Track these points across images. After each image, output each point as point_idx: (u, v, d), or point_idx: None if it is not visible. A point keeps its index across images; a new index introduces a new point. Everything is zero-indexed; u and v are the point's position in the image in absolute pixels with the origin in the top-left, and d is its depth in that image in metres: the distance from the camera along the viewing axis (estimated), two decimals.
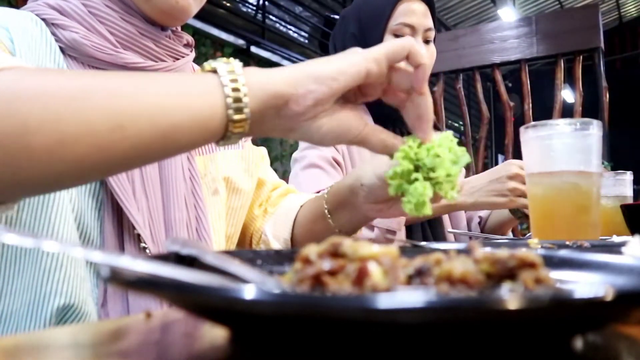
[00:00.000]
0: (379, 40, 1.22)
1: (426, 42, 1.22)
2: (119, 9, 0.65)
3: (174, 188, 0.67)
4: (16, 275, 0.56)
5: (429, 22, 1.22)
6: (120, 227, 0.61)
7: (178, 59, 0.71)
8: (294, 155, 1.24)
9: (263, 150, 0.88)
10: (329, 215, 0.71)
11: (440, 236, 1.22)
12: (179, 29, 0.76)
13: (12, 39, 0.59)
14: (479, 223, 1.32)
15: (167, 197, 0.66)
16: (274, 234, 0.80)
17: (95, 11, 0.64)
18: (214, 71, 0.46)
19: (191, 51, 0.76)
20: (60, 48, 0.63)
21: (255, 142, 0.92)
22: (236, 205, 0.79)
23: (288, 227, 0.78)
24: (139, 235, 0.61)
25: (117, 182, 0.61)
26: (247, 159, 0.83)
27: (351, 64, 0.48)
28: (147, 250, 0.61)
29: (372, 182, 0.63)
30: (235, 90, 0.45)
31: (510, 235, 1.35)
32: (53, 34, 0.64)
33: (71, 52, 0.63)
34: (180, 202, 0.67)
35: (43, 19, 0.64)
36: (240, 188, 0.79)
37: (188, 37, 0.76)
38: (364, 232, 1.07)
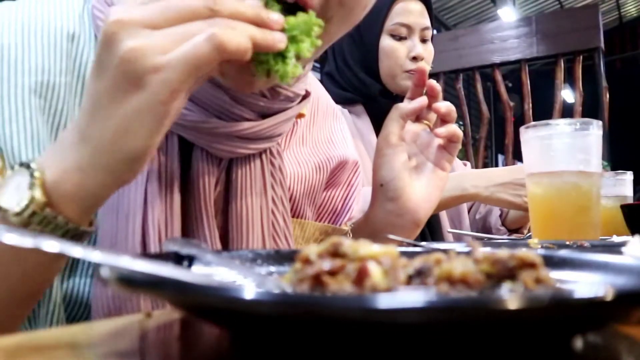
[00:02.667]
0: (375, 40, 1.22)
1: (423, 41, 1.22)
2: None
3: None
4: None
5: (426, 21, 1.21)
6: None
7: (268, 116, 0.53)
8: None
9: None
10: None
11: (439, 236, 1.22)
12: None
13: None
14: (500, 216, 1.31)
15: None
16: None
17: None
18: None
19: (300, 101, 0.56)
20: None
21: None
22: None
23: None
24: None
25: None
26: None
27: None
28: None
29: (389, 172, 0.62)
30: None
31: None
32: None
33: None
34: None
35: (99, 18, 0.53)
36: None
37: (293, 90, 0.54)
38: None
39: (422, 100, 0.64)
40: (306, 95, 0.58)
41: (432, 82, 0.65)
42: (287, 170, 0.59)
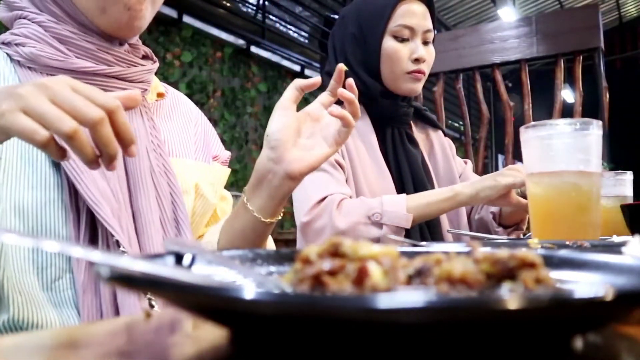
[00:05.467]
0: (378, 41, 1.22)
1: (425, 43, 1.23)
2: (78, 30, 0.72)
3: (144, 189, 0.72)
4: None
5: (429, 24, 1.22)
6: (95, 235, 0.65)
7: (133, 66, 0.77)
8: None
9: (228, 170, 0.92)
10: (247, 204, 0.76)
11: (438, 236, 1.22)
12: (146, 44, 0.82)
13: None
14: (494, 218, 1.32)
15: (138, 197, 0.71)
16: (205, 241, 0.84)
17: (55, 32, 0.71)
18: None
19: (154, 62, 0.82)
20: (19, 62, 0.71)
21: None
22: (200, 211, 0.84)
23: (216, 233, 0.82)
24: (117, 241, 0.64)
25: (85, 187, 0.65)
26: (215, 174, 0.88)
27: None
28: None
29: (275, 126, 0.73)
30: None
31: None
32: (15, 52, 0.71)
33: (29, 64, 0.70)
34: (151, 199, 0.72)
35: (6, 43, 0.73)
36: (205, 196, 0.85)
37: (146, 50, 0.83)
38: (372, 230, 1.07)
39: (316, 80, 0.77)
40: (155, 61, 0.83)
41: (350, 81, 0.74)
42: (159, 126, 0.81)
